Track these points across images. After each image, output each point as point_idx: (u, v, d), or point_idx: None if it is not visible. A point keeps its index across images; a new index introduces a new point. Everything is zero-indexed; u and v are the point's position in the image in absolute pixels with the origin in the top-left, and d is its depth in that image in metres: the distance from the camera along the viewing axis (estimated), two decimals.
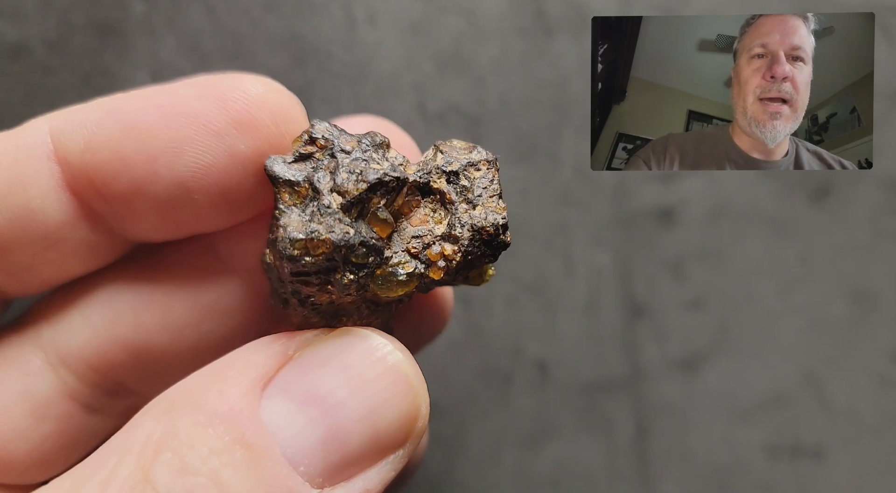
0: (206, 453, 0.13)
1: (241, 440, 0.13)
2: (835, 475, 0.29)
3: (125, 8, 0.27)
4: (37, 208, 0.16)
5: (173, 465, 0.13)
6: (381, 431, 0.15)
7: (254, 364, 0.15)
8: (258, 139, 0.16)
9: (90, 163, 0.16)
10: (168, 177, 0.16)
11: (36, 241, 0.16)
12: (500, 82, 0.28)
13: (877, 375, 0.29)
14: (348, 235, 0.15)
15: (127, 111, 0.16)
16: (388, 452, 0.15)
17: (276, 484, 0.13)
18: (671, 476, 0.28)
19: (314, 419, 0.14)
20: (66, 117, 0.16)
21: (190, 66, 0.27)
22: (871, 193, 0.29)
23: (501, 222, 0.16)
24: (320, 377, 0.14)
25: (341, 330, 0.16)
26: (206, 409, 0.14)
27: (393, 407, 0.15)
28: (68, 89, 0.27)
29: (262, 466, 0.13)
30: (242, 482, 0.13)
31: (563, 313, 0.28)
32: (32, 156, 0.16)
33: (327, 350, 0.15)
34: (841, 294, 0.29)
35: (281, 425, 0.14)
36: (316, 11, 0.28)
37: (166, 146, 0.16)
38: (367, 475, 0.15)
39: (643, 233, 0.29)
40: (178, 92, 0.16)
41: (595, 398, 0.28)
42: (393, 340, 0.16)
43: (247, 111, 0.16)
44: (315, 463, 0.14)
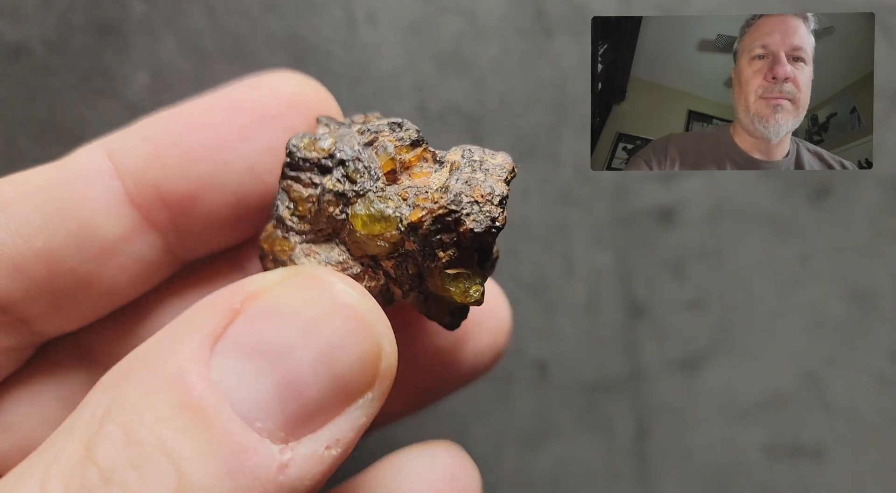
0: (152, 421, 0.13)
1: (187, 403, 0.13)
2: (835, 476, 0.29)
3: (125, 8, 0.27)
4: (95, 224, 0.16)
5: (117, 437, 0.12)
6: (340, 374, 0.14)
7: (201, 322, 0.14)
8: (310, 118, 0.17)
9: (156, 168, 0.17)
10: (237, 165, 0.17)
11: (92, 258, 0.17)
12: (501, 82, 0.28)
13: (877, 375, 0.29)
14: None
15: (185, 114, 0.17)
16: (353, 397, 0.14)
17: (229, 445, 0.13)
18: (671, 476, 0.28)
19: (264, 371, 0.13)
20: (121, 136, 0.17)
21: (190, 66, 0.27)
22: (871, 193, 0.29)
23: (499, 193, 0.15)
24: (267, 326, 0.13)
25: (291, 270, 0.14)
26: (152, 374, 0.13)
27: (349, 347, 0.14)
28: (68, 89, 0.27)
29: (212, 427, 0.13)
30: (193, 446, 0.12)
31: (563, 312, 0.28)
32: (91, 175, 0.17)
33: (274, 297, 0.14)
34: (841, 294, 0.29)
35: (231, 382, 0.13)
36: (316, 11, 0.28)
37: (232, 135, 0.17)
38: (336, 424, 0.14)
39: (643, 233, 0.29)
40: (229, 92, 0.17)
41: (595, 398, 0.28)
42: (344, 277, 0.15)
43: (297, 94, 0.17)
44: (272, 417, 0.13)
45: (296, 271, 0.14)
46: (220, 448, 0.12)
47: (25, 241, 0.16)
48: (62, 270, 0.16)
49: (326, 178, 0.16)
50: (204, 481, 0.12)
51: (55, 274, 0.16)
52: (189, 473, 0.12)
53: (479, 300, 0.16)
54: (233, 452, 0.12)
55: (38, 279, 0.16)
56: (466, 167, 0.16)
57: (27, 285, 0.16)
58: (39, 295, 0.16)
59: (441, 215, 0.15)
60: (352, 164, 0.16)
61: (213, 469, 0.12)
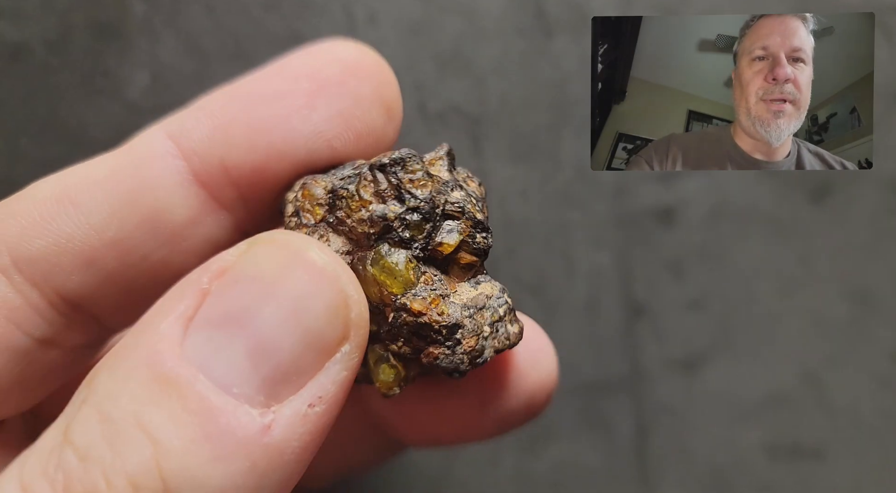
0: (127, 399, 0.12)
1: (160, 376, 0.13)
2: (835, 476, 0.29)
3: (125, 8, 0.27)
4: (164, 208, 0.16)
5: (92, 418, 0.12)
6: (310, 329, 0.13)
7: (172, 307, 0.13)
8: (373, 82, 0.17)
9: (222, 144, 0.16)
10: (306, 131, 0.17)
11: (163, 244, 0.17)
12: (501, 82, 0.28)
13: (877, 375, 0.29)
14: (439, 209, 0.16)
15: (247, 88, 0.17)
16: (329, 351, 0.14)
17: (206, 412, 0.12)
18: (671, 477, 0.28)
19: (234, 336, 0.13)
20: (180, 117, 0.17)
21: (190, 67, 0.27)
22: (871, 193, 0.29)
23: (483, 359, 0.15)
24: (233, 297, 0.13)
25: (250, 241, 0.14)
26: (127, 360, 0.13)
27: (315, 300, 0.13)
28: (69, 89, 0.27)
29: (187, 397, 0.12)
30: (167, 415, 0.12)
31: (562, 313, 0.28)
32: (155, 157, 0.16)
33: (238, 267, 0.14)
34: (841, 294, 0.29)
35: (204, 354, 0.13)
36: (316, 11, 0.28)
37: (298, 103, 0.17)
38: (317, 381, 0.13)
39: (643, 233, 0.29)
40: (288, 62, 0.17)
41: (595, 399, 0.28)
42: (304, 236, 0.14)
43: (359, 60, 0.17)
44: (248, 382, 0.13)
45: (255, 240, 0.14)
46: (195, 414, 0.12)
47: (95, 232, 0.16)
48: (134, 259, 0.16)
49: (397, 206, 0.16)
50: (181, 447, 0.12)
51: (127, 265, 0.16)
52: (164, 440, 0.12)
53: (387, 395, 0.16)
54: (209, 416, 0.12)
55: (110, 272, 0.16)
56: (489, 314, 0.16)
57: (100, 279, 0.16)
58: (112, 288, 0.16)
59: (428, 329, 0.15)
60: (427, 223, 0.16)
61: (190, 434, 0.12)
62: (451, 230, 0.16)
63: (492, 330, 0.16)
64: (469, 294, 0.16)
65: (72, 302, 0.16)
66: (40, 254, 0.16)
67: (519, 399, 0.18)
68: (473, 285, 0.16)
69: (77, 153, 0.27)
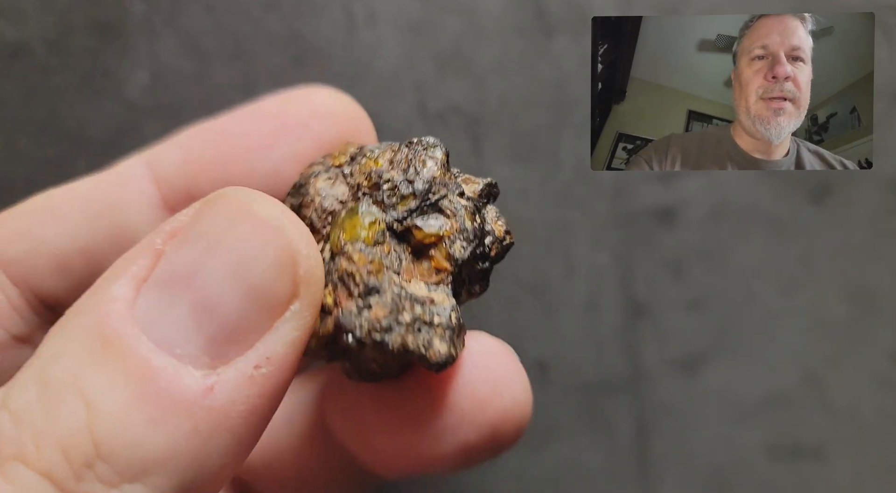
0: (68, 361, 0.12)
1: (103, 338, 0.12)
2: (835, 476, 0.29)
3: (125, 8, 0.27)
4: (131, 225, 0.18)
5: (30, 382, 0.12)
6: (255, 287, 0.13)
7: (126, 268, 0.13)
8: (339, 126, 0.18)
9: (189, 173, 0.18)
10: (265, 168, 0.18)
11: None
12: (501, 82, 0.28)
13: (878, 375, 0.29)
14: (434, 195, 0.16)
15: (217, 124, 0.19)
16: (278, 310, 0.13)
17: (146, 375, 0.12)
18: (671, 476, 0.28)
19: (178, 296, 0.13)
20: (161, 147, 0.19)
21: (190, 66, 0.27)
22: (871, 194, 0.29)
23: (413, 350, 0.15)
24: (181, 255, 0.13)
25: (204, 199, 0.14)
26: (76, 320, 0.13)
27: (259, 256, 0.13)
28: (68, 89, 0.27)
29: (127, 359, 0.12)
30: (104, 378, 0.12)
31: (562, 313, 0.28)
32: (130, 180, 0.18)
33: (188, 226, 0.13)
34: (841, 294, 0.29)
35: (150, 315, 0.13)
36: (316, 11, 0.28)
37: (261, 141, 0.18)
38: (265, 342, 0.13)
39: (643, 233, 0.29)
40: (260, 103, 0.19)
41: (595, 399, 0.28)
42: (257, 192, 0.14)
43: (329, 105, 0.19)
44: (192, 342, 0.12)
45: (208, 198, 0.14)
46: (133, 376, 0.12)
47: (70, 238, 0.17)
48: (101, 268, 0.17)
49: (397, 174, 0.16)
50: (116, 410, 0.12)
51: (95, 272, 0.17)
52: (99, 403, 0.12)
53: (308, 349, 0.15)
54: (147, 377, 0.12)
55: (80, 276, 0.18)
56: (419, 311, 0.15)
57: (71, 282, 0.18)
58: (81, 292, 0.17)
59: (350, 279, 0.15)
60: (414, 201, 0.16)
61: (126, 397, 0.12)
62: (434, 223, 0.16)
63: (412, 324, 0.15)
64: (415, 289, 0.16)
65: (46, 303, 0.18)
66: (21, 257, 0.17)
67: (480, 430, 0.17)
68: (428, 288, 0.16)
69: (76, 153, 0.27)
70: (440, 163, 0.16)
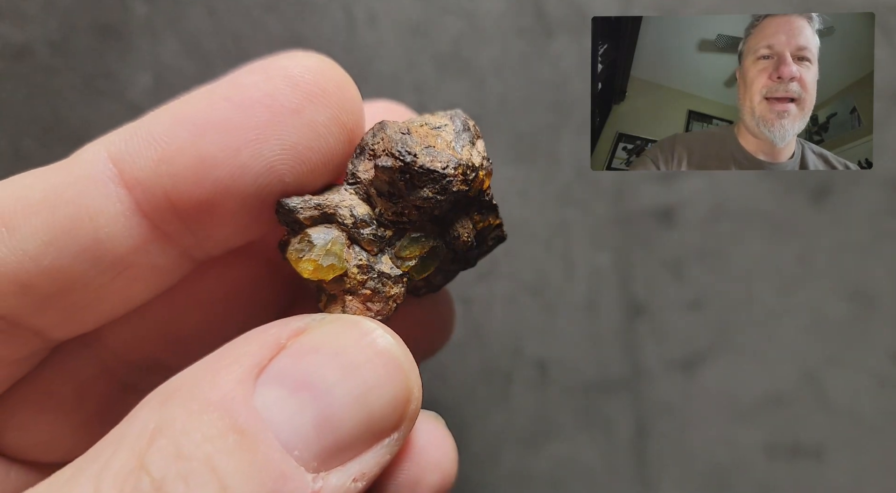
0: (200, 439, 0.13)
1: (234, 427, 0.13)
2: (834, 475, 0.29)
3: (127, 9, 0.27)
4: (105, 237, 0.16)
5: (168, 451, 0.13)
6: (373, 414, 0.15)
7: (247, 353, 0.14)
8: (332, 108, 0.16)
9: (166, 175, 0.15)
10: (257, 166, 0.16)
11: (104, 271, 0.16)
12: (500, 83, 0.28)
13: (876, 375, 0.29)
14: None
15: (196, 113, 0.16)
16: (382, 435, 0.15)
17: (270, 468, 0.13)
18: (670, 476, 0.29)
19: (306, 404, 0.14)
20: (125, 137, 0.16)
21: (192, 68, 0.27)
22: (871, 194, 0.29)
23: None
24: (311, 363, 0.14)
25: (334, 317, 0.16)
26: (200, 398, 0.14)
27: (384, 390, 0.15)
28: (71, 90, 0.27)
29: (256, 451, 0.13)
30: (236, 466, 0.13)
31: (562, 312, 0.29)
32: (96, 184, 0.15)
33: (319, 337, 0.15)
34: (841, 294, 0.29)
35: (274, 411, 0.14)
36: (317, 13, 0.28)
37: (250, 135, 0.16)
38: (363, 459, 0.15)
39: (643, 233, 0.29)
40: (241, 81, 0.16)
41: (595, 398, 0.29)
42: (383, 326, 0.16)
43: (316, 84, 0.16)
44: (309, 447, 0.14)
45: (339, 316, 0.16)
46: (261, 471, 0.13)
47: (31, 259, 0.15)
48: (74, 286, 0.16)
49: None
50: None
51: (66, 290, 0.16)
52: (232, 489, 0.13)
53: None
54: (273, 475, 0.13)
55: (48, 295, 0.16)
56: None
57: (38, 301, 0.16)
58: (50, 309, 0.16)
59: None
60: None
61: (254, 489, 0.13)
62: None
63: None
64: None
65: (10, 321, 0.16)
66: None
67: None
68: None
69: None
70: None
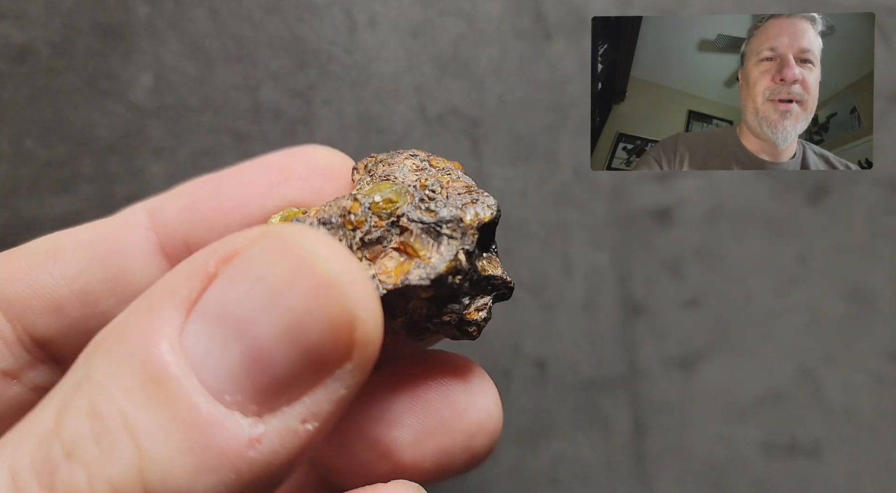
0: (117, 393, 0.12)
1: (152, 374, 0.12)
2: (832, 473, 0.29)
3: (129, 11, 0.27)
4: (128, 270, 0.18)
5: (82, 410, 0.12)
6: (309, 345, 0.12)
7: (176, 288, 0.13)
8: (334, 182, 0.19)
9: (187, 222, 0.18)
10: (258, 215, 0.18)
11: (124, 301, 0.18)
12: (500, 84, 0.28)
13: (874, 373, 0.29)
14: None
15: (225, 174, 0.19)
16: (329, 369, 0.13)
17: (193, 420, 0.12)
18: (669, 474, 0.29)
19: (231, 340, 0.12)
20: (164, 196, 0.19)
21: (193, 69, 0.27)
22: (869, 193, 0.29)
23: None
24: (235, 293, 0.13)
25: (263, 231, 0.13)
26: (123, 344, 0.13)
27: (316, 317, 0.12)
28: (73, 91, 0.27)
29: (177, 401, 0.12)
30: (155, 420, 0.12)
31: (561, 311, 0.29)
32: (131, 227, 0.19)
33: (244, 260, 0.13)
34: (839, 294, 0.29)
35: (201, 351, 0.12)
36: (317, 14, 0.28)
37: (260, 189, 0.18)
38: (313, 397, 0.13)
39: (641, 233, 0.29)
40: (267, 158, 0.19)
41: (593, 396, 0.29)
42: (320, 236, 0.13)
43: (331, 162, 0.19)
44: (242, 390, 0.12)
45: (267, 232, 0.13)
46: (183, 423, 0.12)
47: (67, 283, 0.18)
48: (95, 311, 0.18)
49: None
50: (166, 457, 0.12)
51: (89, 315, 0.18)
52: (150, 449, 0.12)
53: None
54: (197, 427, 0.12)
55: (73, 318, 0.18)
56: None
57: (64, 324, 0.18)
58: (73, 334, 0.18)
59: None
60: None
61: (176, 445, 0.12)
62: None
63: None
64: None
65: (38, 341, 0.18)
66: (18, 295, 0.18)
67: (455, 438, 0.18)
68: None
69: (81, 154, 0.28)
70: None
